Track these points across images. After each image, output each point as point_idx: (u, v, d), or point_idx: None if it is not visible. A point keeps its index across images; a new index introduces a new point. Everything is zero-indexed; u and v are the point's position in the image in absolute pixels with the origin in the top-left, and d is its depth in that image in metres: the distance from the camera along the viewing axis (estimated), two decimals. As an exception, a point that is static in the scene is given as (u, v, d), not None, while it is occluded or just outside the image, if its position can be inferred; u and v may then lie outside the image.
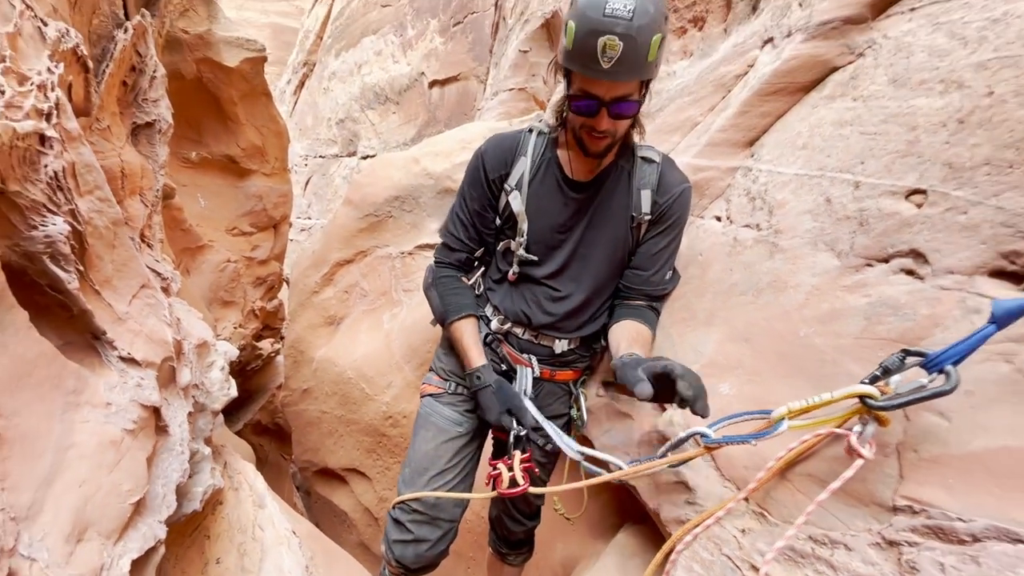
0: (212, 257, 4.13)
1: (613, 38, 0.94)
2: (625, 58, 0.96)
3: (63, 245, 1.07)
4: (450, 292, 1.32)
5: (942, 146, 0.87)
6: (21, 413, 0.84)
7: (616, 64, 0.96)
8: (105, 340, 1.22)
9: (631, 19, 0.93)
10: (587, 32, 0.96)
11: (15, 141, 0.98)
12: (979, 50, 0.87)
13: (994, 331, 0.61)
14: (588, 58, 0.97)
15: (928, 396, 0.65)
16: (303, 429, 3.22)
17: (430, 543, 1.27)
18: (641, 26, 0.94)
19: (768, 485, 0.85)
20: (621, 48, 0.95)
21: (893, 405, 0.67)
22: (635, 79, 1.02)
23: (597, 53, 0.96)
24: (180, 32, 3.79)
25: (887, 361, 0.70)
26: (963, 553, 0.62)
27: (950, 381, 0.63)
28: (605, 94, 1.03)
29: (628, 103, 1.05)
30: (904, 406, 0.67)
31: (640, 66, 0.99)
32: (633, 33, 0.94)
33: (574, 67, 1.03)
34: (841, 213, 1.00)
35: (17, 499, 0.74)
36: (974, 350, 0.63)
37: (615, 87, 1.02)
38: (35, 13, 1.32)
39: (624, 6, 0.93)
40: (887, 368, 0.70)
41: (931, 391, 0.64)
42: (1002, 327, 0.61)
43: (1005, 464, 0.64)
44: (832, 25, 1.14)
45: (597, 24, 0.95)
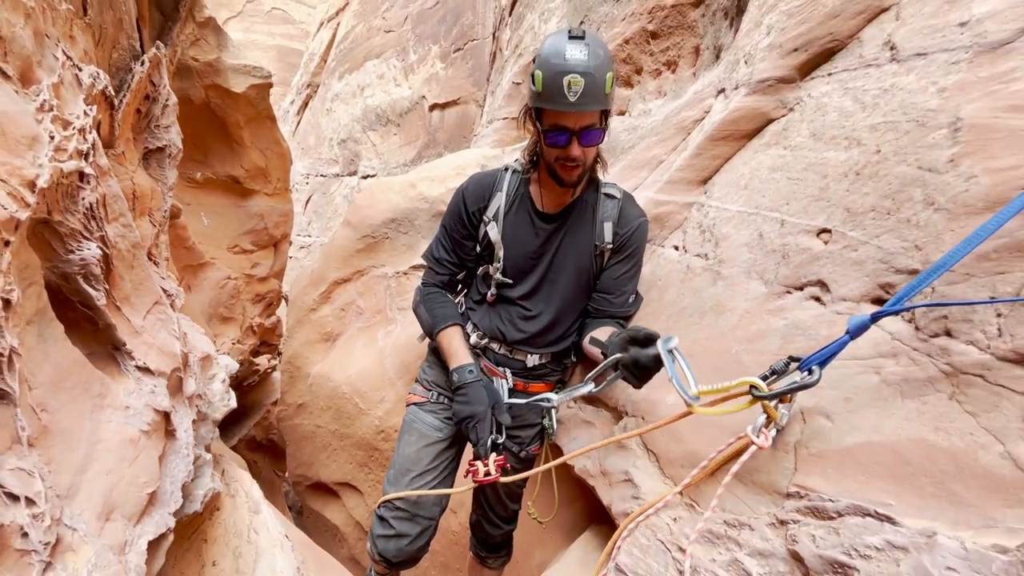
0: (213, 274, 4.31)
1: (576, 76, 1.16)
2: (587, 91, 1.17)
3: (95, 267, 1.26)
4: (437, 306, 1.49)
5: (844, 193, 1.05)
6: (61, 411, 1.01)
7: (581, 97, 1.17)
8: (124, 351, 1.39)
9: (588, 60, 1.17)
10: (554, 75, 1.18)
11: (60, 179, 1.17)
12: (873, 114, 1.06)
13: (848, 340, 0.79)
14: (557, 95, 1.19)
15: (797, 388, 0.83)
16: (298, 443, 3.35)
17: (410, 538, 1.42)
18: (597, 65, 1.17)
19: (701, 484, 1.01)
20: (583, 84, 1.16)
21: (771, 395, 0.85)
22: (597, 109, 1.23)
23: (564, 90, 1.17)
24: (191, 60, 4.05)
25: (775, 365, 0.87)
26: (829, 526, 0.78)
27: (813, 376, 0.82)
28: (574, 124, 1.23)
29: (594, 131, 1.25)
30: (780, 395, 0.85)
31: (600, 97, 1.20)
32: (592, 71, 1.16)
33: (546, 105, 1.23)
34: (770, 247, 1.18)
35: (59, 481, 0.90)
36: (834, 355, 0.80)
37: (582, 117, 1.22)
38: (73, 62, 1.54)
39: (580, 52, 1.17)
40: (775, 370, 0.87)
41: (799, 383, 0.83)
42: (854, 337, 0.79)
43: (868, 456, 0.80)
44: (769, 83, 1.34)
45: (561, 67, 1.17)
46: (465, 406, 1.33)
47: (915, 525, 0.71)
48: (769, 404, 0.83)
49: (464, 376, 1.35)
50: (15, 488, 0.76)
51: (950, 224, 0.84)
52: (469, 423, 1.32)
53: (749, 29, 1.53)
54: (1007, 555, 0.62)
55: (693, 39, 2.08)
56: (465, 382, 1.34)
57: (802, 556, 0.79)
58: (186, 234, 4.03)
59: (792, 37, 1.29)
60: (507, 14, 4.11)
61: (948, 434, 0.74)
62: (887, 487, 0.77)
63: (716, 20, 1.97)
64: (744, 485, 0.95)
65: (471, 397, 1.32)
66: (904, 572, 0.68)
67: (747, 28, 1.55)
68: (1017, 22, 0.88)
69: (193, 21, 3.91)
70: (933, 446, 0.74)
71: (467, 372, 1.36)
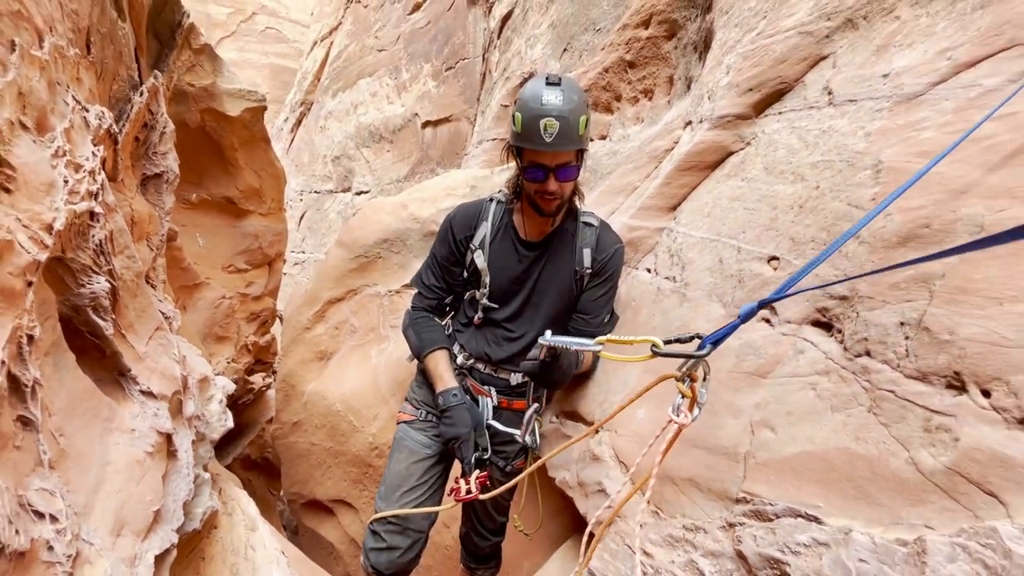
0: (208, 294, 4.41)
1: (551, 119, 1.28)
2: (562, 133, 1.29)
3: (104, 299, 1.37)
4: (425, 329, 1.61)
5: (790, 224, 1.18)
6: (75, 436, 1.11)
7: (556, 138, 1.30)
8: (129, 376, 1.50)
9: (562, 105, 1.29)
10: (531, 117, 1.30)
11: (74, 220, 1.29)
12: (814, 152, 1.19)
13: (739, 323, 0.89)
14: (534, 136, 1.31)
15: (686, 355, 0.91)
16: (293, 461, 3.43)
17: (401, 550, 1.51)
18: (571, 109, 1.29)
19: (662, 490, 1.12)
20: (558, 126, 1.29)
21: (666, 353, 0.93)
22: (571, 149, 1.35)
23: (540, 131, 1.30)
24: (187, 85, 4.19)
25: (681, 335, 0.97)
26: (767, 527, 0.88)
27: (703, 349, 0.91)
28: (550, 162, 1.35)
29: (569, 168, 1.38)
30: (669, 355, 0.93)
31: (574, 138, 1.32)
32: (566, 115, 1.29)
33: (525, 145, 1.36)
34: (728, 271, 1.30)
35: (76, 500, 1.00)
36: (728, 335, 0.91)
37: (557, 156, 1.35)
38: (81, 104, 1.66)
39: (556, 97, 1.30)
40: (679, 338, 0.96)
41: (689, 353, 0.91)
42: (744, 321, 0.89)
43: (803, 464, 0.91)
44: (728, 119, 1.47)
45: (538, 111, 1.30)
46: (450, 428, 1.45)
47: (836, 523, 0.81)
48: (683, 385, 0.91)
49: (448, 400, 1.48)
50: (41, 506, 0.86)
51: (871, 255, 0.96)
52: (455, 443, 1.44)
53: (712, 67, 1.67)
54: (906, 547, 0.73)
55: (667, 69, 2.23)
56: (449, 405, 1.47)
57: (745, 555, 0.90)
58: (182, 255, 4.14)
59: (747, 78, 1.43)
60: (495, 37, 4.29)
61: (866, 443, 0.85)
62: (817, 491, 0.88)
63: (687, 53, 2.11)
64: (701, 492, 1.05)
65: (455, 420, 1.45)
66: (826, 565, 0.79)
67: (710, 66, 1.69)
68: (929, 76, 1.01)
69: (189, 48, 4.05)
70: (854, 454, 0.86)
71: (451, 396, 1.48)
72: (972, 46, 0.96)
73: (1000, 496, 0.69)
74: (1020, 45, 0.90)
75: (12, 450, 0.86)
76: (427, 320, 1.63)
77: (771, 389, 1.04)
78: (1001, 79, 0.91)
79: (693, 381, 0.97)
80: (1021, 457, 0.69)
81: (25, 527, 0.79)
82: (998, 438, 0.71)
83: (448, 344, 1.61)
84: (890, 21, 1.14)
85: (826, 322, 1.02)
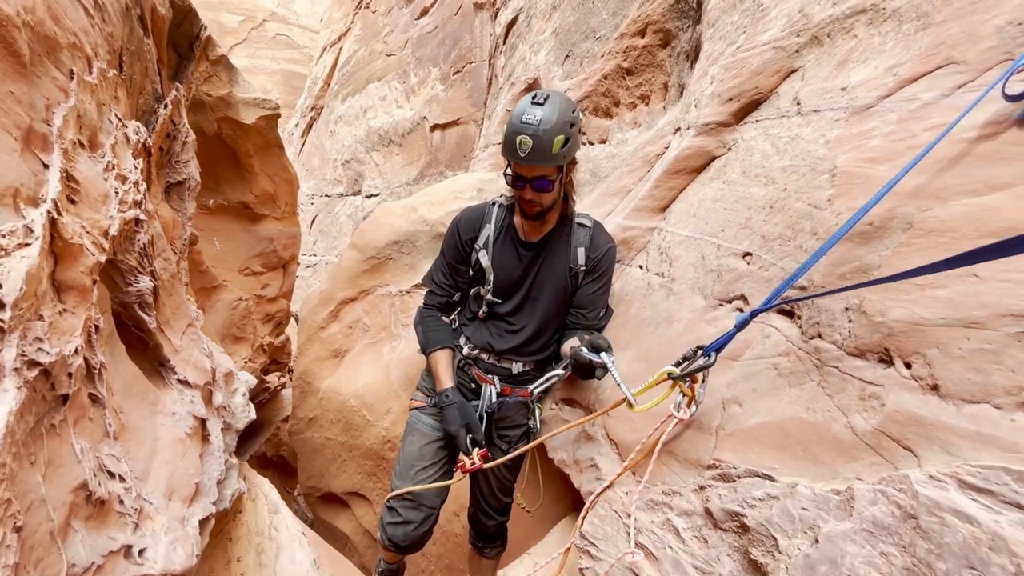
0: (226, 296, 4.64)
1: (525, 137, 1.43)
2: (534, 151, 1.43)
3: (148, 296, 1.55)
4: (431, 328, 1.78)
5: (762, 223, 1.32)
6: (131, 414, 1.29)
7: (528, 155, 1.44)
8: (168, 367, 1.69)
9: (538, 125, 1.42)
10: (511, 133, 1.46)
11: (123, 226, 1.48)
12: (784, 157, 1.33)
13: (735, 332, 1.07)
14: (512, 150, 1.47)
15: (699, 368, 1.12)
16: (308, 456, 3.62)
17: (415, 524, 1.68)
18: (546, 130, 1.42)
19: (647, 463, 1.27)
20: (531, 144, 1.43)
21: (681, 375, 1.13)
22: (545, 165, 1.49)
23: (516, 147, 1.45)
24: (204, 95, 4.43)
25: (686, 352, 1.16)
26: (730, 487, 1.03)
27: (711, 359, 1.10)
28: (527, 174, 1.51)
29: (545, 181, 1.52)
30: (687, 375, 1.14)
31: (546, 156, 1.45)
32: (540, 135, 1.42)
33: (506, 156, 1.52)
34: (709, 267, 1.45)
35: (135, 467, 1.18)
36: (727, 343, 1.09)
37: (532, 169, 1.50)
38: (122, 121, 1.86)
39: (534, 116, 1.43)
40: (685, 356, 1.16)
41: (701, 365, 1.11)
42: (740, 330, 1.06)
43: (763, 432, 1.05)
44: (711, 126, 1.62)
45: (516, 127, 1.45)
46: (445, 424, 1.66)
47: (785, 480, 0.96)
48: (684, 384, 1.10)
49: (442, 400, 1.67)
50: (113, 468, 1.04)
51: (825, 250, 1.10)
52: (451, 437, 1.65)
53: (699, 76, 1.82)
54: (839, 496, 0.87)
55: (662, 76, 2.38)
56: (443, 405, 1.66)
57: (712, 511, 1.04)
58: (201, 259, 4.37)
59: (728, 88, 1.58)
60: (501, 42, 4.46)
61: (815, 412, 0.99)
62: (774, 454, 1.02)
63: (680, 61, 2.26)
64: (679, 462, 1.20)
65: (448, 419, 1.65)
66: (775, 514, 0.93)
67: (697, 75, 1.84)
68: (878, 90, 1.15)
69: (207, 59, 4.30)
70: (805, 421, 1.00)
71: (444, 397, 1.67)
72: (914, 64, 1.10)
73: (915, 450, 0.83)
74: (952, 63, 1.04)
75: (87, 421, 1.04)
76: (434, 320, 1.80)
77: (740, 370, 1.19)
78: (936, 93, 1.05)
79: (693, 383, 1.14)
80: (931, 417, 0.83)
81: (103, 481, 0.97)
82: (915, 402, 0.85)
83: (451, 343, 1.78)
84: (849, 39, 1.28)
85: (789, 310, 1.17)
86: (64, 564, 0.74)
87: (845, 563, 0.84)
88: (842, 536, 0.86)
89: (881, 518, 0.82)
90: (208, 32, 3.88)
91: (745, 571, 1.00)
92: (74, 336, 0.99)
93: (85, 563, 0.80)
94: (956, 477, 0.77)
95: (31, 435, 0.76)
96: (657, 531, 1.14)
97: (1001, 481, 0.73)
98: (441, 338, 1.75)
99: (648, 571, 1.13)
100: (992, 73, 0.96)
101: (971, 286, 0.85)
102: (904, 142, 1.05)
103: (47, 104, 1.20)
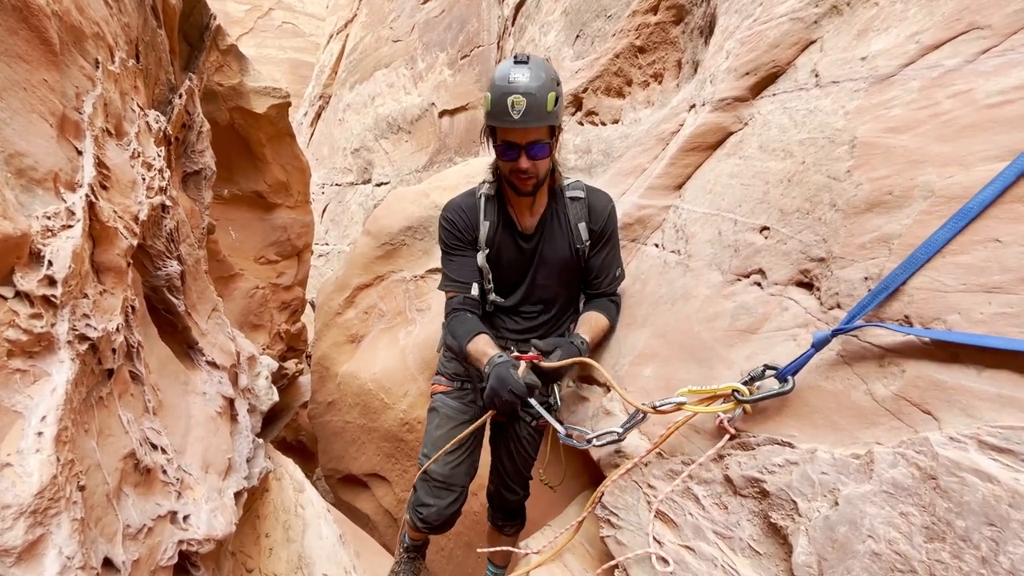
0: (242, 284, 4.72)
1: (518, 96, 1.34)
2: (529, 109, 1.35)
3: (176, 280, 1.60)
4: (459, 325, 1.60)
5: (779, 197, 1.32)
6: (166, 391, 1.35)
7: (524, 115, 1.35)
8: (197, 348, 1.74)
9: (529, 82, 1.35)
10: (499, 95, 1.37)
11: (151, 212, 1.52)
12: (802, 131, 1.33)
13: (813, 352, 1.01)
14: (503, 113, 1.37)
15: (775, 394, 1.05)
16: (328, 439, 3.71)
17: (447, 503, 1.72)
18: (538, 86, 1.35)
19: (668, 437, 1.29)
20: (525, 103, 1.34)
21: (754, 399, 1.08)
22: (540, 125, 1.39)
23: (509, 108, 1.35)
24: (216, 85, 4.45)
25: (753, 371, 1.10)
26: (750, 455, 1.05)
27: (788, 384, 1.04)
28: (521, 140, 1.42)
29: (540, 145, 1.43)
30: (759, 401, 1.08)
31: (542, 115, 1.37)
32: (533, 91, 1.34)
33: (495, 123, 1.43)
34: (726, 243, 1.45)
35: (173, 440, 1.24)
36: (803, 365, 1.03)
37: (527, 133, 1.40)
38: (143, 110, 1.89)
39: (523, 75, 1.36)
40: (752, 376, 1.10)
41: (777, 391, 1.04)
42: (818, 350, 1.01)
43: (782, 402, 1.07)
44: (727, 101, 1.61)
45: (505, 88, 1.36)
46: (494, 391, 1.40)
47: (805, 446, 0.98)
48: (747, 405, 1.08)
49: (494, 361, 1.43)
50: (155, 440, 1.09)
51: (844, 222, 1.11)
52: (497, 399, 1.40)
53: (714, 52, 1.81)
54: (859, 460, 0.89)
55: (676, 53, 2.36)
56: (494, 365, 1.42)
57: (731, 478, 1.07)
58: (218, 248, 4.44)
59: (744, 62, 1.57)
60: (510, 24, 4.42)
61: (834, 380, 1.01)
62: (793, 423, 1.04)
63: (694, 37, 2.24)
64: (698, 434, 1.23)
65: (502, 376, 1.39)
66: (795, 479, 0.96)
67: (712, 51, 1.82)
68: (899, 59, 1.14)
69: (217, 49, 4.32)
70: (824, 390, 1.02)
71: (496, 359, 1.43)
72: (936, 30, 1.09)
73: (934, 413, 0.85)
74: (976, 28, 1.03)
75: (129, 396, 1.09)
76: (458, 318, 1.62)
77: (759, 343, 1.20)
78: (960, 60, 1.04)
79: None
80: (951, 381, 0.84)
81: (148, 452, 1.02)
82: (935, 368, 0.86)
83: (484, 329, 1.60)
84: (870, 7, 1.27)
85: (807, 282, 1.18)
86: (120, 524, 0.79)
87: (864, 523, 0.86)
88: (862, 498, 0.88)
89: (901, 480, 0.84)
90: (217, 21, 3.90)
91: (765, 534, 1.02)
92: (115, 315, 1.03)
93: (137, 524, 0.85)
94: (976, 438, 0.78)
95: (84, 405, 0.81)
96: (677, 499, 1.17)
97: (1021, 440, 0.75)
98: (471, 328, 1.59)
99: (668, 536, 1.16)
100: (1018, 37, 0.95)
101: (993, 251, 0.86)
102: (926, 110, 1.05)
103: (77, 92, 1.24)
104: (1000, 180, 0.86)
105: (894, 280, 0.94)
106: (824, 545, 0.90)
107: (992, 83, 0.95)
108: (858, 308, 0.98)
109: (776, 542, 1.00)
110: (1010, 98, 0.92)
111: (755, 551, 1.03)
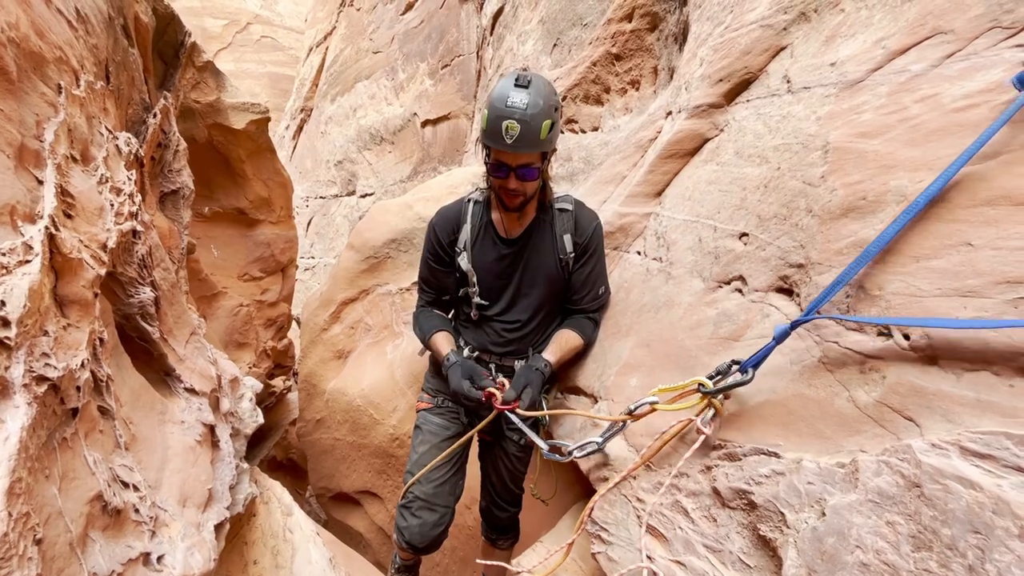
0: (226, 303, 4.65)
1: (513, 122, 1.36)
2: (522, 136, 1.37)
3: (150, 307, 1.56)
4: (425, 319, 1.77)
5: (757, 203, 1.32)
6: (140, 424, 1.31)
7: (516, 141, 1.38)
8: (174, 376, 1.70)
9: (526, 110, 1.35)
10: (495, 118, 1.39)
11: (121, 238, 1.48)
12: (776, 136, 1.33)
13: (774, 345, 1.03)
14: (496, 136, 1.39)
15: (735, 385, 1.08)
16: (318, 457, 3.65)
17: (431, 524, 1.69)
18: (533, 114, 1.35)
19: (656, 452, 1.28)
20: (519, 130, 1.36)
21: (715, 391, 1.10)
22: (532, 152, 1.42)
23: (502, 132, 1.37)
24: (193, 103, 4.40)
25: (720, 366, 1.13)
26: (737, 466, 1.04)
27: (747, 375, 1.07)
28: (511, 162, 1.44)
29: (530, 169, 1.47)
30: (721, 391, 1.10)
31: (535, 142, 1.39)
32: (528, 119, 1.35)
33: (488, 143, 1.46)
34: (706, 249, 1.45)
35: (148, 476, 1.20)
36: (764, 358, 1.06)
37: (518, 157, 1.43)
38: (112, 133, 1.85)
39: (521, 100, 1.37)
40: (719, 371, 1.13)
41: (737, 382, 1.08)
42: (779, 343, 1.03)
43: (767, 411, 1.06)
44: (702, 108, 1.62)
45: (501, 112, 1.37)
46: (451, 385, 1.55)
47: (791, 456, 0.97)
48: (716, 400, 1.09)
49: (444, 363, 1.62)
50: (126, 478, 1.05)
51: (820, 227, 1.11)
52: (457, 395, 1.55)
53: (688, 59, 1.81)
54: (844, 468, 0.88)
55: (651, 60, 2.37)
56: (447, 367, 1.60)
57: (719, 490, 1.06)
58: (199, 267, 4.37)
59: (717, 69, 1.57)
60: (488, 33, 4.43)
61: (817, 388, 1.00)
62: (778, 432, 1.03)
63: (668, 44, 2.25)
64: (686, 445, 1.22)
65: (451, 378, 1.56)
66: (782, 490, 0.95)
67: (687, 58, 1.83)
68: (867, 64, 1.15)
69: (193, 66, 4.27)
70: (808, 398, 1.01)
71: (447, 360, 1.61)
72: (902, 35, 1.10)
73: (916, 420, 0.84)
74: (940, 33, 1.04)
75: (98, 433, 1.05)
76: (426, 313, 1.79)
77: (742, 350, 1.20)
78: (925, 64, 1.05)
79: (726, 398, 1.12)
80: (931, 387, 0.84)
81: (118, 491, 0.98)
82: (915, 373, 0.86)
83: (447, 327, 1.74)
84: (836, 14, 1.28)
85: (787, 288, 1.18)
86: (84, 574, 0.75)
87: (852, 534, 0.85)
88: (848, 508, 0.87)
89: (886, 488, 0.83)
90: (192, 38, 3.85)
91: (755, 547, 1.01)
92: (80, 350, 1.00)
93: (105, 572, 0.81)
94: (958, 444, 0.78)
95: (44, 449, 0.77)
96: (667, 512, 1.16)
97: (1002, 446, 0.74)
98: (435, 324, 1.73)
99: (659, 551, 1.14)
100: (980, 41, 0.96)
101: (966, 255, 0.86)
102: (895, 115, 1.06)
103: (37, 120, 1.20)
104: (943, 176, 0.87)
105: (847, 274, 0.97)
106: (813, 557, 0.89)
107: (957, 87, 0.95)
108: (815, 302, 1.01)
109: (766, 555, 0.99)
110: (975, 102, 0.93)
111: (745, 564, 1.01)
